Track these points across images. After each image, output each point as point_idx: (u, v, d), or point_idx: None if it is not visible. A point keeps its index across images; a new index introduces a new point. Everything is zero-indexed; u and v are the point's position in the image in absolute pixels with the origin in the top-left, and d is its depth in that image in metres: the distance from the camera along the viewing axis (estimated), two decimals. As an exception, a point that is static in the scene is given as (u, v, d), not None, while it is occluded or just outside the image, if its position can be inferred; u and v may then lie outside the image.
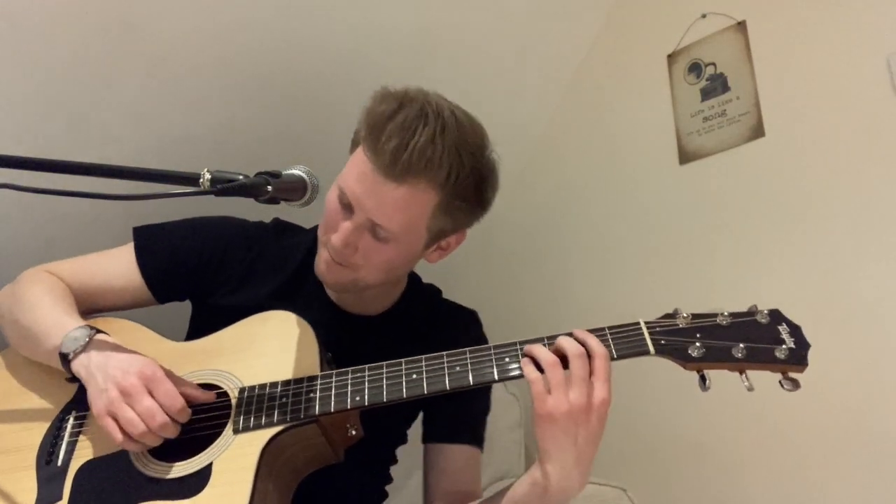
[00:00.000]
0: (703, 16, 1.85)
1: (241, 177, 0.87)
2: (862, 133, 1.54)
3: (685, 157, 1.84)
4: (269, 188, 0.88)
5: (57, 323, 0.99)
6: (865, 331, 1.48)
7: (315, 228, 1.20)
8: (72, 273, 1.11)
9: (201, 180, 0.85)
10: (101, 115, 1.48)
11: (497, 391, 1.80)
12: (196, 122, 1.60)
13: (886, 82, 1.50)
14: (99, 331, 0.98)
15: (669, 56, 1.91)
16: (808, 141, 1.62)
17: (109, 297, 1.12)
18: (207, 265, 1.12)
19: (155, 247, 1.13)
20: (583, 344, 0.88)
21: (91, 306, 1.11)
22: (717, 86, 1.80)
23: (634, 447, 1.80)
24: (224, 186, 0.85)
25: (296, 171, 0.92)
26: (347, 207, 0.99)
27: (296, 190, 0.91)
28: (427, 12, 1.72)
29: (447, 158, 0.95)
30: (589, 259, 2.03)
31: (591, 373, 0.87)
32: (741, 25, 1.77)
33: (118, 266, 1.12)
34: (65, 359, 0.95)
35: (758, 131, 1.70)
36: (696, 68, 1.85)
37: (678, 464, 1.73)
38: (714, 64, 1.82)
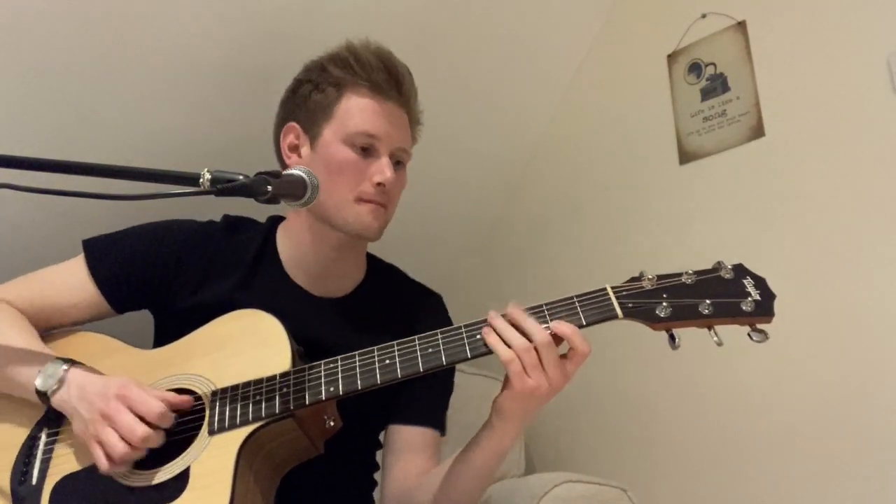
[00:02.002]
0: (703, 16, 1.85)
1: (241, 177, 0.87)
2: (862, 133, 1.54)
3: (685, 157, 1.84)
4: (269, 188, 0.88)
5: (25, 357, 0.98)
6: (865, 330, 1.48)
7: (270, 219, 1.21)
8: (21, 294, 1.09)
9: (201, 180, 0.85)
10: (101, 114, 1.48)
11: (495, 391, 1.80)
12: (196, 122, 1.60)
13: (886, 82, 1.50)
14: (70, 361, 0.97)
15: (669, 56, 1.91)
16: (808, 141, 1.62)
17: (65, 312, 1.11)
18: (164, 271, 1.11)
19: (107, 257, 1.12)
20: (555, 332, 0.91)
21: (46, 324, 1.10)
22: (717, 86, 1.80)
23: (634, 447, 1.80)
24: (224, 186, 0.86)
25: (296, 171, 0.92)
26: (367, 151, 1.08)
27: (296, 190, 0.91)
28: (426, 12, 1.72)
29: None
30: (588, 259, 2.02)
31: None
32: (741, 25, 1.77)
33: (71, 280, 1.11)
34: (43, 396, 0.95)
35: (758, 131, 1.70)
36: (696, 68, 1.85)
37: (679, 464, 1.72)
38: (714, 64, 1.82)
